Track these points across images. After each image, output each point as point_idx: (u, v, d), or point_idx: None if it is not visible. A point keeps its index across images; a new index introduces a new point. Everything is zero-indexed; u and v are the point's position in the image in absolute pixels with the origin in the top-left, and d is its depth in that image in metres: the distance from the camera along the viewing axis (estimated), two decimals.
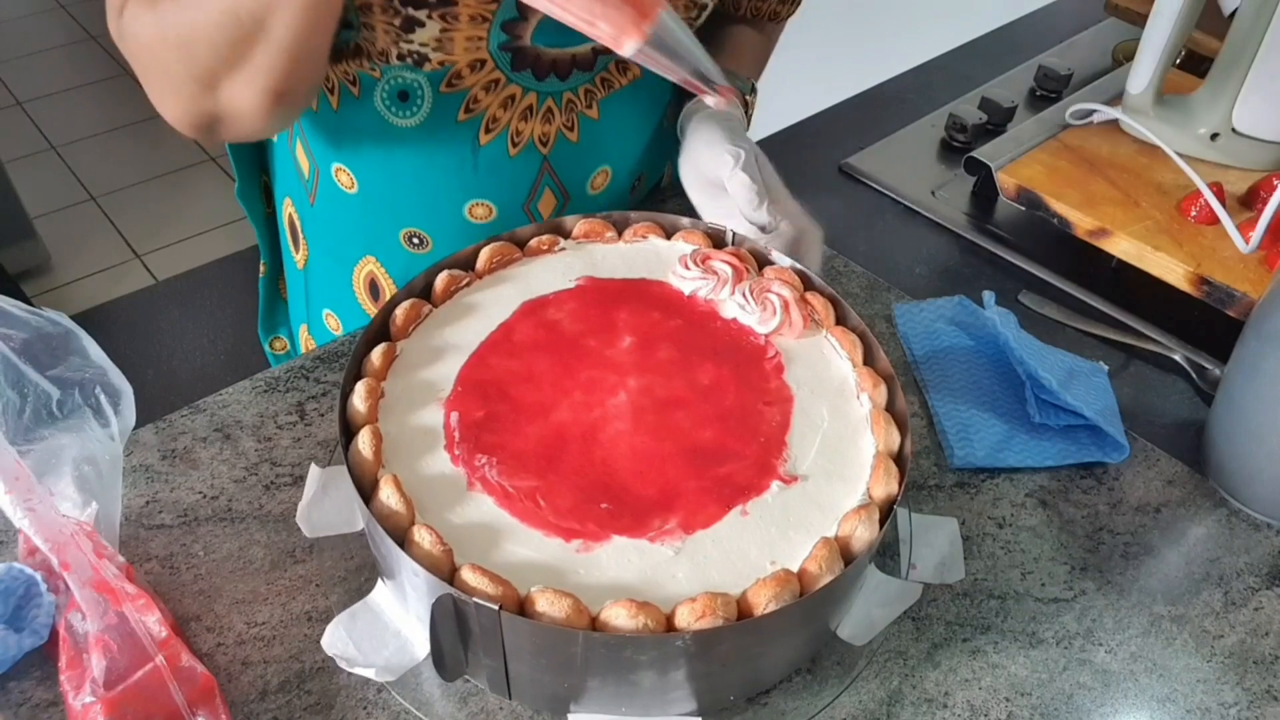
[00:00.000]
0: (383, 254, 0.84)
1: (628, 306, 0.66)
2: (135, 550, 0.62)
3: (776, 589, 0.49)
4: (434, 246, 0.82)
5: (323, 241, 0.87)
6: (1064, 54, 1.21)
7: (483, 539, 0.52)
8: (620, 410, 0.59)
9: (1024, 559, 0.66)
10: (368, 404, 0.57)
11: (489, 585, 0.48)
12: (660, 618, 0.48)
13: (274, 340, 1.04)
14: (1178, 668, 0.61)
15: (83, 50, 3.36)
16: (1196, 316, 0.83)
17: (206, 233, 2.61)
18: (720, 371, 0.62)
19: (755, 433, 0.58)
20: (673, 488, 0.55)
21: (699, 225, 0.72)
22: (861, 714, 0.57)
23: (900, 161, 1.05)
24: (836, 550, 0.52)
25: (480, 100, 0.74)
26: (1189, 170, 0.89)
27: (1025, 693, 0.59)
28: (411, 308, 0.64)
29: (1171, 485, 0.72)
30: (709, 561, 0.52)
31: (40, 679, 0.56)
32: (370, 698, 0.56)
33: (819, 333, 0.65)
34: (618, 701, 0.52)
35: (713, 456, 0.57)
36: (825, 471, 0.57)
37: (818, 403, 0.61)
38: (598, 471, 0.55)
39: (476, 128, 0.75)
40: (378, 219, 0.81)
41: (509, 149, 0.77)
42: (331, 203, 0.83)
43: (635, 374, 0.61)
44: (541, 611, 0.48)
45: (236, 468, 0.67)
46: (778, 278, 0.66)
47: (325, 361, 0.76)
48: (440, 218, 0.80)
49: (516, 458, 0.56)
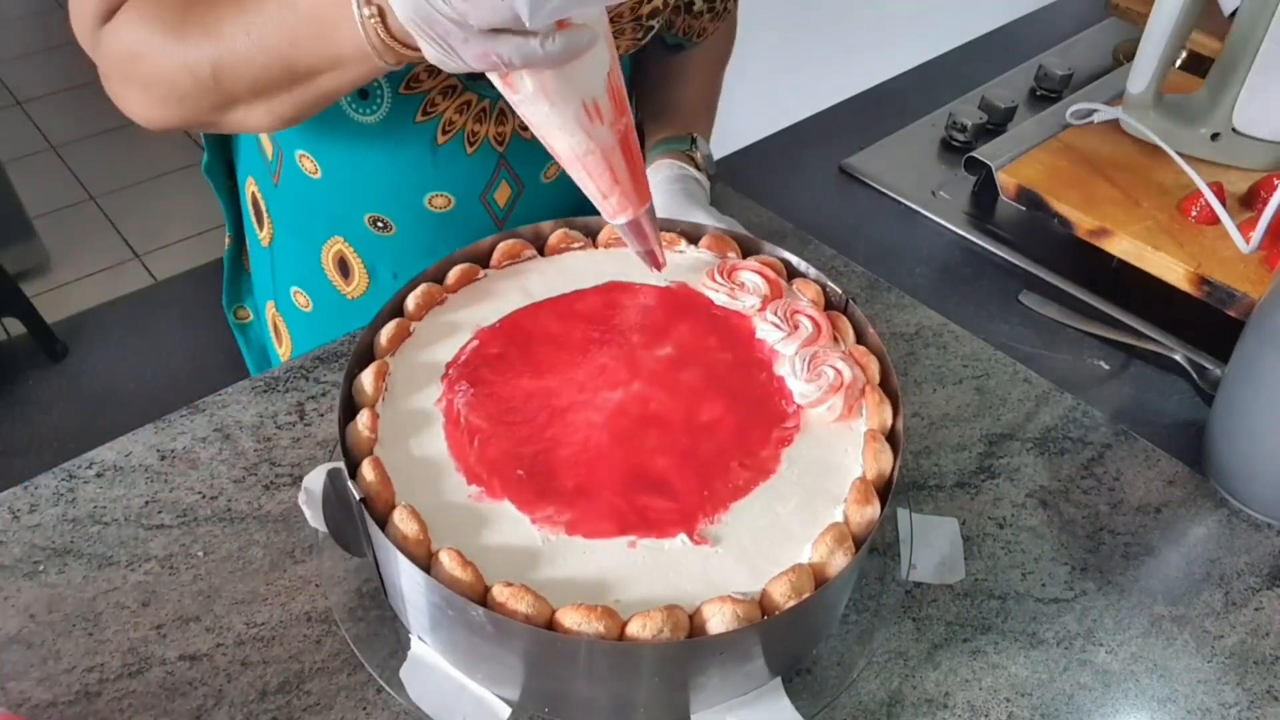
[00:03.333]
0: (349, 234, 0.84)
1: (678, 315, 0.66)
2: (135, 550, 0.62)
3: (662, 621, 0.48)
4: (398, 231, 0.82)
5: (288, 221, 0.87)
6: (1064, 54, 1.21)
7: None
8: (605, 405, 0.59)
9: (1024, 559, 0.66)
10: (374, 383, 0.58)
11: (460, 570, 0.49)
12: (546, 609, 0.48)
13: (238, 309, 1.05)
14: (1178, 668, 0.61)
15: (83, 50, 3.35)
16: (1197, 316, 0.83)
17: (206, 233, 2.61)
18: (726, 416, 0.60)
19: (705, 485, 0.56)
20: (585, 490, 0.55)
21: (719, 228, 0.72)
22: (861, 714, 0.57)
23: (900, 161, 1.05)
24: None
25: (438, 104, 0.75)
26: (1189, 170, 0.88)
27: (1026, 693, 0.59)
28: (428, 291, 0.65)
29: (1172, 485, 0.72)
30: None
31: (40, 679, 0.56)
32: (370, 698, 0.56)
33: (855, 420, 0.60)
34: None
35: (649, 484, 0.55)
36: (740, 548, 0.53)
37: (792, 492, 0.56)
38: (540, 442, 0.57)
39: (434, 128, 0.76)
40: (342, 203, 0.82)
41: (466, 148, 0.78)
42: (295, 185, 0.83)
43: (646, 381, 0.61)
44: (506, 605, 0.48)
45: (236, 468, 0.67)
46: (845, 356, 0.62)
47: (325, 361, 0.76)
48: (402, 205, 0.81)
49: (491, 399, 0.59)
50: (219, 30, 0.60)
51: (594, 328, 0.65)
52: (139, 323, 2.28)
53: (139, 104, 0.66)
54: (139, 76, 0.64)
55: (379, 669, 0.56)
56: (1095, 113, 0.99)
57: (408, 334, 0.63)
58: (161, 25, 0.62)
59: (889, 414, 0.60)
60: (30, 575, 0.61)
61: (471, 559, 0.49)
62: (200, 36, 0.60)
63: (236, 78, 0.61)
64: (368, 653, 0.56)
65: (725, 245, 0.71)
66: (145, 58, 0.63)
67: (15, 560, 0.62)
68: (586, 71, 0.53)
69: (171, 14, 0.62)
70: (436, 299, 0.65)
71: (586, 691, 0.52)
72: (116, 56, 0.65)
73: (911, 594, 0.63)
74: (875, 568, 0.62)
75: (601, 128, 0.56)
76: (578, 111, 0.54)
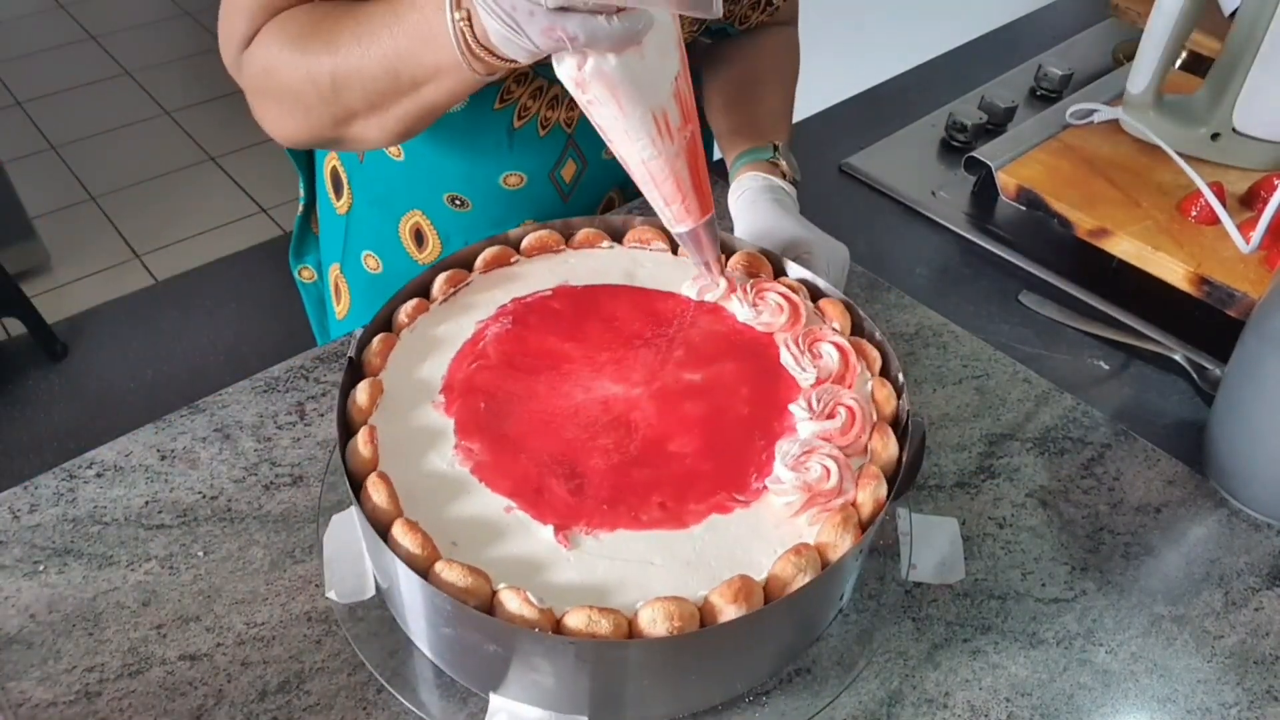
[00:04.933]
0: (427, 209, 0.89)
1: (711, 337, 0.65)
2: (135, 550, 0.62)
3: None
4: (473, 207, 0.88)
5: (369, 195, 0.92)
6: (1064, 54, 1.21)
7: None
8: (593, 402, 0.60)
9: (1024, 559, 0.66)
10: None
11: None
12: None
13: (302, 269, 1.10)
14: (1178, 668, 0.61)
15: (83, 50, 3.35)
16: (1197, 316, 0.83)
17: (206, 233, 2.61)
18: (691, 455, 0.58)
19: (610, 502, 0.55)
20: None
21: (748, 245, 0.71)
22: (861, 714, 0.57)
23: (900, 161, 1.05)
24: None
25: (513, 91, 0.80)
26: (1189, 170, 0.88)
27: (1026, 693, 0.59)
28: (454, 275, 0.67)
29: (1172, 485, 0.72)
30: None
31: (40, 679, 0.56)
32: (370, 698, 0.56)
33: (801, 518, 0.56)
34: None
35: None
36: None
37: (685, 552, 0.53)
38: (552, 441, 0.57)
39: (510, 115, 0.82)
40: (423, 182, 0.88)
41: (539, 131, 0.84)
42: (379, 166, 0.89)
43: (647, 390, 0.61)
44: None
45: (236, 468, 0.67)
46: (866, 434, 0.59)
47: (325, 361, 0.76)
48: (478, 185, 0.87)
49: (498, 392, 0.60)
50: (337, 43, 0.63)
51: (613, 333, 0.65)
52: (139, 323, 2.28)
53: (273, 117, 0.70)
54: (272, 90, 0.68)
55: (379, 669, 0.56)
56: (1095, 113, 0.99)
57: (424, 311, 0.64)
58: (290, 41, 0.66)
59: (894, 449, 0.57)
60: (30, 575, 0.61)
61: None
62: (321, 49, 0.64)
63: (350, 89, 0.64)
64: (368, 652, 0.56)
65: (757, 263, 0.69)
66: (276, 71, 0.67)
67: (15, 560, 0.62)
68: (655, 76, 0.55)
69: (300, 30, 0.66)
70: (423, 309, 0.66)
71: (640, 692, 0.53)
72: (254, 73, 0.69)
73: (911, 594, 0.63)
74: (875, 568, 0.62)
75: (667, 135, 0.57)
76: (645, 116, 0.56)
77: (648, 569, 0.51)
